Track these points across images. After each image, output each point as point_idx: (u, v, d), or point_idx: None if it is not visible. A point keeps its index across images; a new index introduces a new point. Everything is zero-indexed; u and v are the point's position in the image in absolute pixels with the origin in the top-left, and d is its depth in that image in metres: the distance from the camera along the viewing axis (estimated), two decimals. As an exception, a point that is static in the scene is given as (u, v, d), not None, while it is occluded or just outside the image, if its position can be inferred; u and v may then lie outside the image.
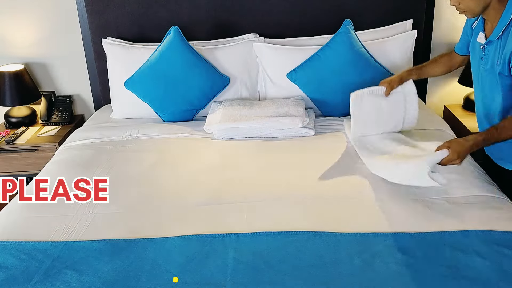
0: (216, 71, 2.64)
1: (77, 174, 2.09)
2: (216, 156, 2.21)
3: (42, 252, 1.58)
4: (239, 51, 2.70)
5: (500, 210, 1.70)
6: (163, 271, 1.47)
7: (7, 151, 2.75)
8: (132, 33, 2.80)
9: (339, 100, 2.56)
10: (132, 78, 2.63)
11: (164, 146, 2.34)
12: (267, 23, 2.79)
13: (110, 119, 2.75)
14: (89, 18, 2.78)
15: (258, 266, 1.46)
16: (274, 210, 1.76)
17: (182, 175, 2.06)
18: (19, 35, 2.96)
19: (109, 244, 1.61)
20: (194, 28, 2.78)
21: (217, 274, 1.44)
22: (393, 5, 2.76)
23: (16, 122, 2.96)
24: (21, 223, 1.76)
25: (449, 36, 2.95)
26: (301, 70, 2.60)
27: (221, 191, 1.91)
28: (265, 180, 1.97)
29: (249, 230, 1.64)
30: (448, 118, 2.85)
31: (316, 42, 2.69)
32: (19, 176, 2.86)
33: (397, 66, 2.62)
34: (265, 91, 2.73)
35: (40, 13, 2.91)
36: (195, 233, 1.64)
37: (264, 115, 2.39)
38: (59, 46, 2.98)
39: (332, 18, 2.73)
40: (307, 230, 1.62)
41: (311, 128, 2.39)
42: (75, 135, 2.54)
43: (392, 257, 1.48)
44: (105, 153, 2.29)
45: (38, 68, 3.04)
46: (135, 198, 1.90)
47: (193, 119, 2.68)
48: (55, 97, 3.06)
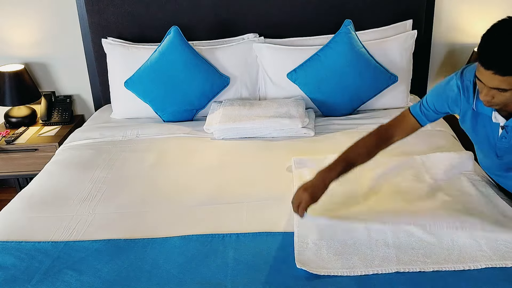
0: (216, 71, 2.64)
1: (77, 174, 2.10)
2: (216, 156, 2.21)
3: (42, 252, 1.58)
4: (239, 51, 2.70)
5: None
6: (163, 271, 1.47)
7: (7, 151, 2.75)
8: (132, 33, 2.80)
9: (339, 100, 2.56)
10: (132, 78, 2.63)
11: (164, 146, 2.34)
12: (267, 23, 2.79)
13: (110, 119, 2.75)
14: (89, 18, 2.78)
15: (258, 266, 1.46)
16: (274, 210, 1.76)
17: (182, 175, 2.06)
18: (19, 35, 2.96)
19: (109, 244, 1.61)
20: (194, 28, 2.78)
21: (217, 274, 1.44)
22: (393, 5, 2.76)
23: (16, 122, 2.96)
24: (21, 223, 1.76)
25: (449, 36, 2.95)
26: (301, 70, 2.60)
27: (221, 191, 1.91)
28: (265, 180, 1.97)
29: (249, 230, 1.64)
30: (448, 118, 2.84)
31: (316, 42, 2.69)
32: (19, 176, 2.89)
33: (397, 66, 2.62)
34: (265, 91, 2.73)
35: (40, 13, 2.91)
36: (195, 233, 1.64)
37: (264, 115, 2.39)
38: (59, 46, 2.98)
39: (332, 18, 2.73)
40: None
41: (311, 128, 2.39)
42: (75, 135, 2.54)
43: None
44: (105, 153, 2.30)
45: (38, 68, 3.04)
46: (135, 198, 1.90)
47: (193, 119, 2.68)
48: (55, 97, 3.06)
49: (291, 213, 1.73)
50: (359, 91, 2.56)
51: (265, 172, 2.04)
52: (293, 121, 2.34)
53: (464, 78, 1.60)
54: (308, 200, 1.43)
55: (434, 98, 1.67)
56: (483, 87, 1.40)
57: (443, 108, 1.67)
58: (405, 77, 2.66)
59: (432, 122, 1.74)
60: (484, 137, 1.65)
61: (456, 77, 1.62)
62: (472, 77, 1.55)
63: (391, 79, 2.58)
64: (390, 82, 2.58)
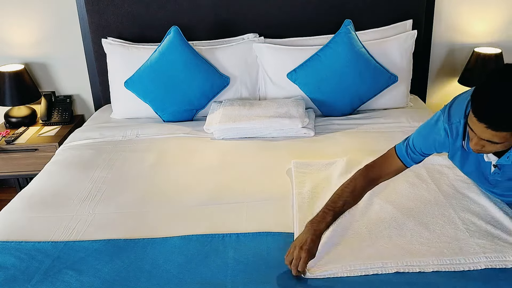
0: (216, 71, 2.64)
1: (77, 174, 2.10)
2: (216, 156, 2.21)
3: (42, 252, 1.58)
4: (239, 51, 2.70)
5: None
6: (163, 271, 1.47)
7: (7, 151, 2.75)
8: (132, 33, 2.80)
9: (339, 100, 2.56)
10: (132, 78, 2.63)
11: (164, 146, 2.34)
12: (267, 23, 2.79)
13: (110, 119, 2.75)
14: (89, 18, 2.78)
15: (258, 266, 1.46)
16: (274, 210, 1.76)
17: (182, 175, 2.06)
18: (19, 35, 2.95)
19: (109, 244, 1.61)
20: (194, 28, 2.78)
21: (217, 274, 1.44)
22: (393, 5, 2.76)
23: (16, 122, 2.95)
24: (21, 223, 1.76)
25: (449, 36, 2.95)
26: (301, 70, 2.60)
27: (221, 191, 1.91)
28: (265, 180, 1.97)
29: (249, 230, 1.64)
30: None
31: (316, 42, 2.69)
32: (19, 176, 2.88)
33: (397, 66, 2.62)
34: (265, 91, 2.73)
35: (40, 13, 2.91)
36: (195, 233, 1.64)
37: (264, 115, 2.39)
38: (59, 46, 2.98)
39: (332, 18, 2.73)
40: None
41: (311, 128, 2.39)
42: (75, 135, 2.54)
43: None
44: (105, 153, 2.30)
45: (38, 68, 3.04)
46: (135, 198, 1.90)
47: (193, 119, 2.68)
48: (55, 97, 3.05)
49: (291, 213, 1.73)
50: (359, 91, 2.56)
51: (265, 172, 2.04)
52: (293, 121, 2.34)
53: (452, 120, 1.53)
54: (306, 258, 1.41)
55: (420, 141, 1.62)
56: (474, 136, 1.36)
57: (430, 150, 1.63)
58: (405, 77, 2.66)
59: (417, 164, 1.68)
60: (476, 172, 1.63)
61: (443, 119, 1.55)
62: (461, 117, 1.49)
63: (391, 79, 2.58)
64: (390, 82, 2.59)
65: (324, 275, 1.42)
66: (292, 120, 2.34)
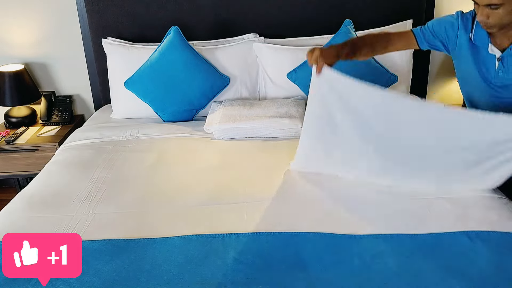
0: (216, 71, 2.64)
1: (77, 174, 2.10)
2: (216, 156, 2.21)
3: (42, 252, 1.58)
4: (239, 51, 2.70)
5: (500, 210, 1.70)
6: (163, 271, 1.47)
7: (7, 151, 2.75)
8: (132, 33, 2.80)
9: (339, 100, 2.56)
10: (132, 78, 2.63)
11: (164, 146, 2.34)
12: (267, 23, 2.79)
13: (110, 119, 2.75)
14: (89, 18, 2.78)
15: (258, 266, 1.46)
16: (274, 210, 1.76)
17: (182, 175, 2.06)
18: (19, 35, 2.96)
19: (109, 244, 1.60)
20: (194, 28, 2.78)
21: (217, 274, 1.44)
22: (393, 5, 2.76)
23: (16, 122, 2.95)
24: (21, 223, 1.76)
25: (449, 36, 2.95)
26: (301, 70, 2.60)
27: (221, 191, 1.91)
28: (265, 180, 1.97)
29: (249, 230, 1.64)
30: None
31: (316, 42, 2.69)
32: (19, 176, 2.89)
33: (397, 66, 2.62)
34: (265, 91, 2.73)
35: (40, 13, 2.91)
36: (195, 233, 1.63)
37: (264, 115, 2.39)
38: (59, 46, 2.98)
39: (332, 18, 2.73)
40: (307, 231, 1.61)
41: (311, 128, 2.39)
42: (75, 135, 2.54)
43: (391, 258, 1.48)
44: (105, 153, 2.29)
45: (38, 68, 3.04)
46: (135, 198, 1.90)
47: (193, 119, 2.68)
48: (55, 97, 3.06)
49: (291, 213, 1.73)
50: (359, 91, 2.56)
51: (265, 172, 2.04)
52: (293, 121, 2.34)
53: (464, 12, 1.84)
54: (319, 54, 1.68)
55: (434, 22, 1.92)
56: (478, 8, 1.62)
57: (440, 29, 1.88)
58: (405, 77, 2.66)
59: (427, 49, 1.94)
60: (478, 74, 1.81)
61: (457, 11, 1.87)
62: (472, 12, 1.77)
63: (391, 79, 2.58)
64: (390, 82, 2.59)
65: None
66: (292, 120, 2.35)
